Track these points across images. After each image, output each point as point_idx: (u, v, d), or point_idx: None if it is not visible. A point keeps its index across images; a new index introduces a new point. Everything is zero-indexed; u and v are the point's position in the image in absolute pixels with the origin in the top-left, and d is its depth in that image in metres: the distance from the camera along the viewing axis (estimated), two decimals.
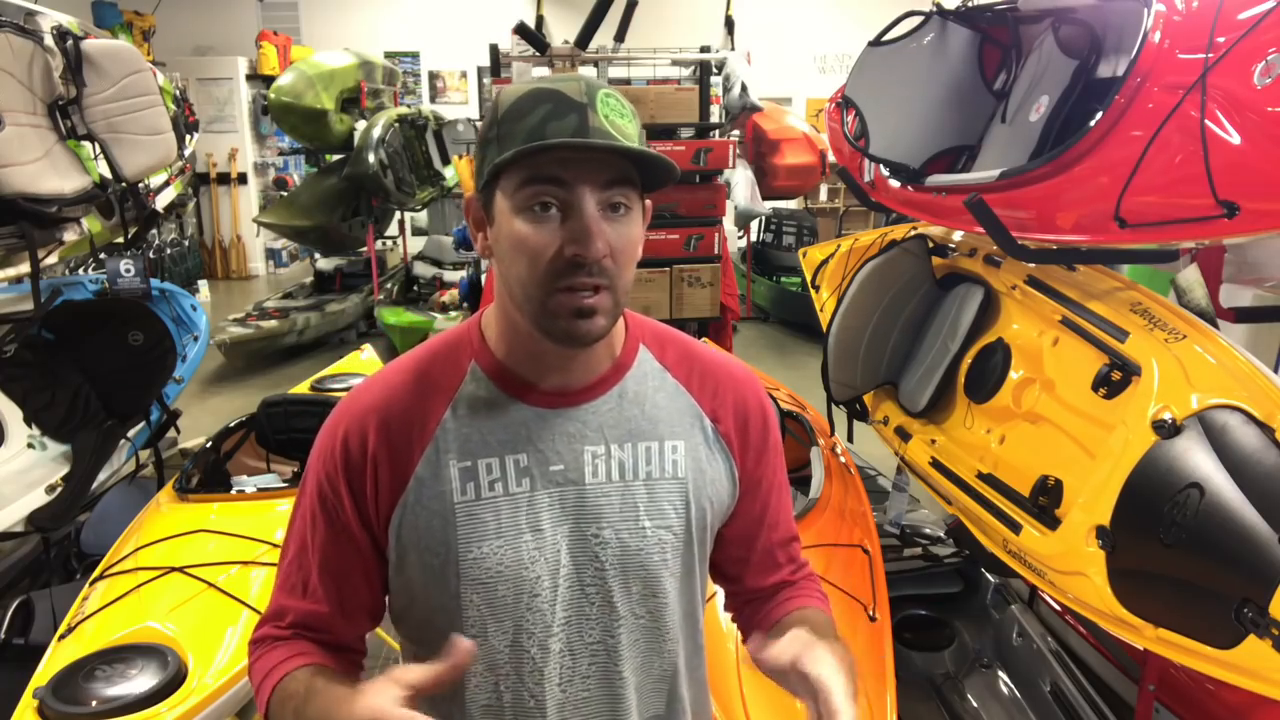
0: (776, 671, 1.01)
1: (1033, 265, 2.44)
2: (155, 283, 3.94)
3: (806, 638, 1.00)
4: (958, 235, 2.95)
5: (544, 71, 5.89)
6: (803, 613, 1.19)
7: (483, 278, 6.59)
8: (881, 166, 2.94)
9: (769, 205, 8.43)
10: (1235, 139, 1.69)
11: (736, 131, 7.31)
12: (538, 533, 1.06)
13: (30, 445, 3.27)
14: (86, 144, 3.54)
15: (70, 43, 3.42)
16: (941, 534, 3.31)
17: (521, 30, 5.54)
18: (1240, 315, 2.46)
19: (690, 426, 1.13)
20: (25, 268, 3.21)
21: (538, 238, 0.97)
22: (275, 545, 2.51)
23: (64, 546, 3.34)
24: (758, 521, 1.21)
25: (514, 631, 1.07)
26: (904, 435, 2.79)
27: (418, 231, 10.59)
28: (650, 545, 1.09)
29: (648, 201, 1.06)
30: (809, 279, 3.75)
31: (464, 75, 11.90)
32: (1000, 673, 2.81)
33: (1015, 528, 2.13)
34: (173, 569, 2.33)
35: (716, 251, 5.91)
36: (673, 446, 1.11)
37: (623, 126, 0.99)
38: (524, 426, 1.07)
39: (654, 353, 1.15)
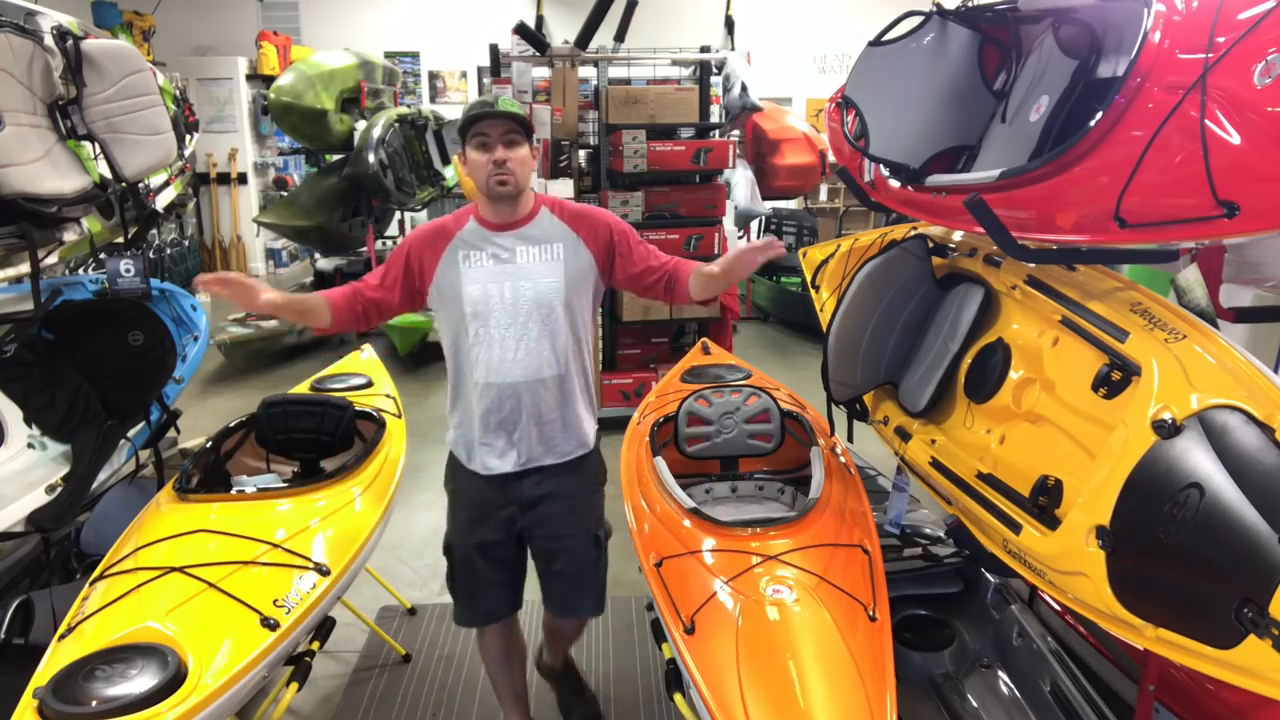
0: (726, 272, 2.45)
1: (1033, 265, 2.44)
2: (155, 283, 3.94)
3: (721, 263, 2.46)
4: (958, 235, 2.95)
5: (544, 72, 5.89)
6: (697, 272, 2.50)
7: None
8: (881, 166, 2.94)
9: (769, 205, 8.42)
10: (1235, 139, 1.69)
11: (736, 131, 7.31)
12: (495, 281, 2.43)
13: (30, 445, 3.27)
14: (86, 144, 3.53)
15: (70, 43, 3.42)
16: (941, 534, 3.31)
17: (521, 30, 5.54)
18: (1240, 315, 2.46)
19: (566, 238, 2.48)
20: (25, 268, 3.21)
21: (483, 158, 2.39)
22: (275, 545, 2.51)
23: (64, 546, 3.33)
24: (641, 261, 2.54)
25: (490, 324, 2.42)
26: (904, 435, 2.79)
27: None
28: (545, 288, 2.43)
29: (536, 144, 2.49)
30: (809, 279, 3.75)
31: (464, 75, 11.90)
32: (1000, 673, 2.81)
33: (1015, 528, 2.13)
34: (173, 569, 2.33)
35: (716, 251, 5.92)
36: (557, 245, 2.47)
37: (509, 108, 2.37)
38: (489, 238, 2.47)
39: (552, 211, 2.51)
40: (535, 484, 2.52)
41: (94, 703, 1.92)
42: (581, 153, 6.03)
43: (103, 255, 4.26)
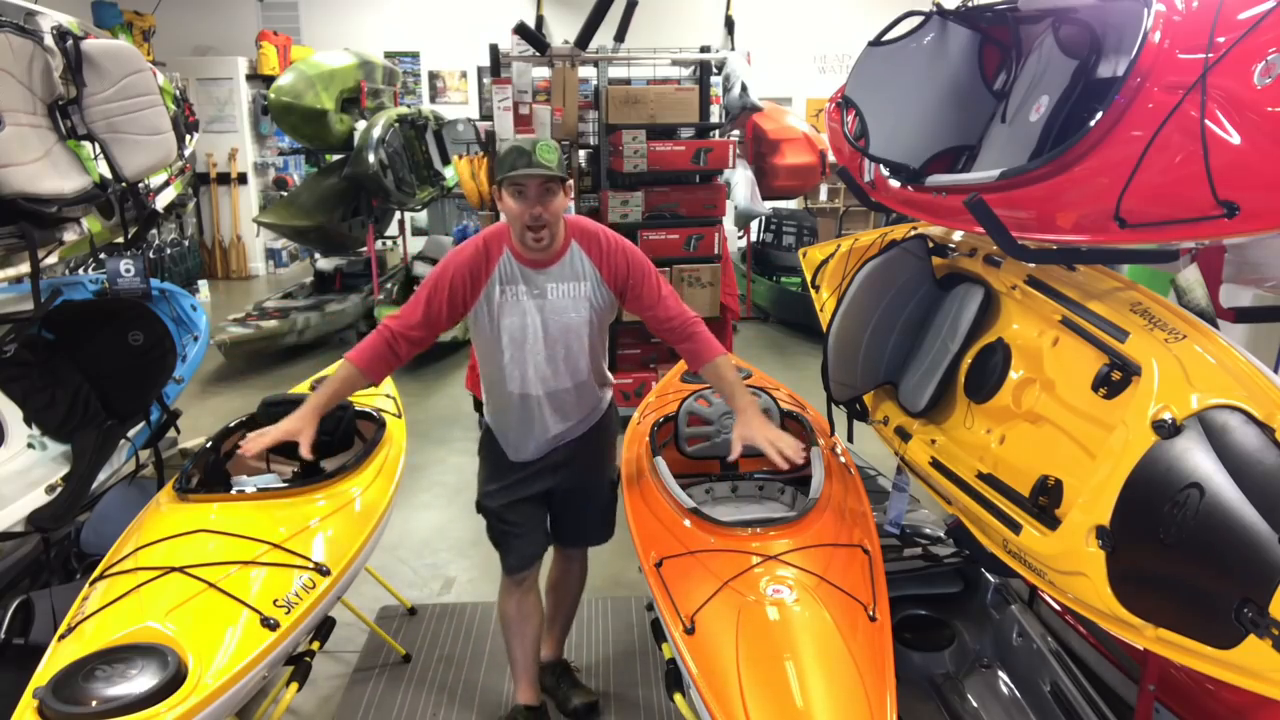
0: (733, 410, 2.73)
1: (1033, 265, 2.44)
2: (155, 283, 3.93)
3: (739, 430, 2.65)
4: (958, 235, 2.95)
5: (544, 72, 5.89)
6: (713, 366, 2.72)
7: None
8: (881, 166, 2.94)
9: (769, 205, 8.42)
10: (1235, 139, 1.69)
11: (736, 131, 7.30)
12: (529, 315, 2.64)
13: (30, 445, 3.26)
14: (86, 144, 3.53)
15: (70, 43, 3.42)
16: (941, 534, 3.31)
17: (521, 30, 5.54)
18: (1240, 315, 2.46)
19: (592, 276, 2.68)
20: (25, 268, 3.21)
21: (518, 208, 2.52)
22: (275, 545, 2.51)
23: (64, 546, 3.33)
24: (648, 307, 2.72)
25: (525, 350, 2.66)
26: (904, 435, 2.79)
27: (418, 231, 10.60)
28: (574, 322, 2.67)
29: (568, 183, 2.57)
30: (809, 279, 3.75)
31: (464, 75, 11.90)
32: (1000, 673, 2.81)
33: (1015, 528, 2.13)
34: (173, 569, 2.33)
35: (716, 251, 5.92)
36: (584, 284, 2.67)
37: (549, 157, 2.47)
38: (524, 275, 2.63)
39: (580, 245, 2.67)
40: (562, 453, 2.84)
41: (94, 703, 1.92)
42: (581, 153, 6.03)
43: (103, 255, 4.26)
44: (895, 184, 2.89)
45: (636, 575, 2.87)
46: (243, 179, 11.02)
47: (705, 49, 6.28)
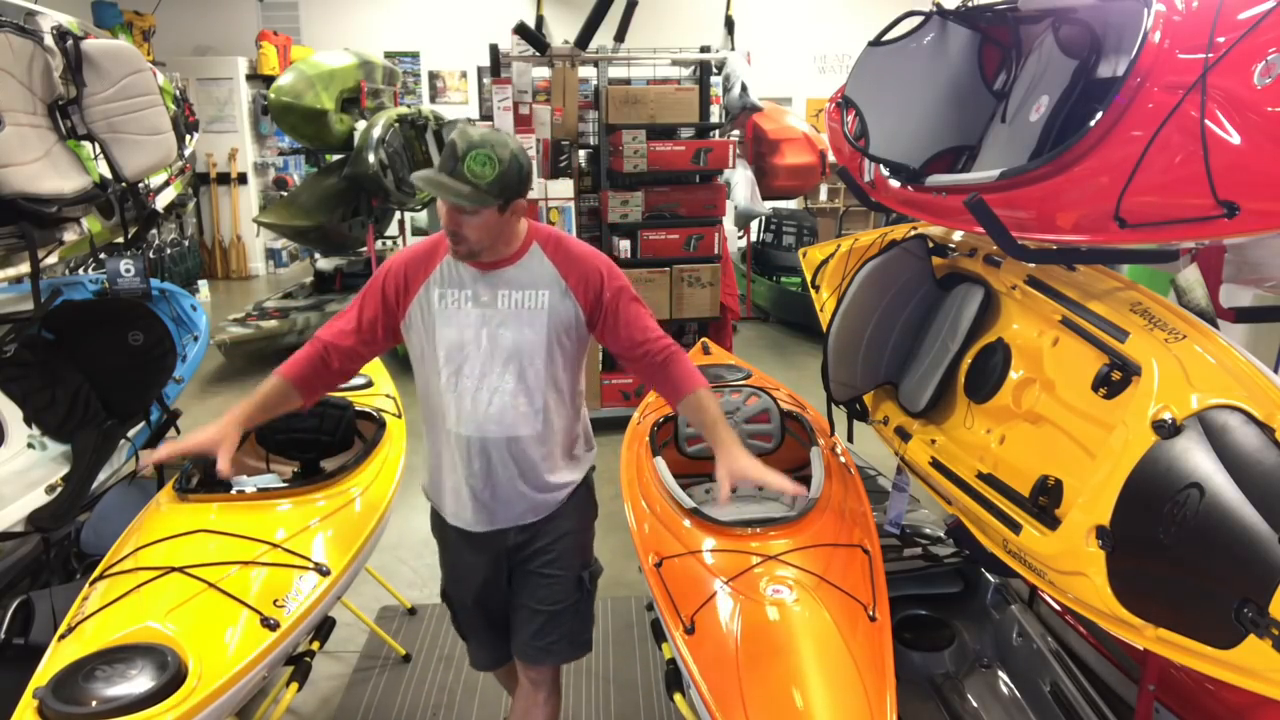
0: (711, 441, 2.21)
1: (1033, 265, 2.44)
2: (155, 283, 3.93)
3: (726, 467, 2.13)
4: (958, 235, 2.95)
5: (544, 72, 5.89)
6: (695, 398, 2.23)
7: None
8: (881, 166, 2.94)
9: (769, 205, 8.42)
10: (1235, 139, 1.69)
11: (736, 131, 7.30)
12: (471, 327, 2.16)
13: (30, 445, 3.26)
14: (86, 144, 3.54)
15: (70, 43, 3.42)
16: (941, 534, 3.31)
17: (521, 30, 5.54)
18: (1240, 315, 2.46)
19: (552, 285, 2.18)
20: (25, 268, 3.21)
21: (441, 213, 2.09)
22: (275, 545, 2.51)
23: (64, 546, 3.33)
24: (623, 329, 2.22)
25: (464, 373, 2.17)
26: (904, 435, 2.79)
27: (418, 231, 10.58)
28: (524, 338, 2.16)
29: (517, 202, 2.08)
30: (809, 279, 3.75)
31: (464, 75, 11.89)
32: (1000, 673, 2.81)
33: (1015, 528, 2.13)
34: (173, 569, 2.33)
35: (716, 251, 5.92)
36: (542, 293, 2.17)
37: (477, 171, 1.98)
38: (469, 278, 2.18)
39: (543, 249, 2.20)
40: (517, 534, 2.30)
41: (94, 703, 1.91)
42: (581, 153, 6.03)
43: (103, 255, 4.26)
44: (895, 184, 2.89)
45: (636, 575, 2.87)
46: (243, 179, 11.01)
47: (705, 49, 6.28)
